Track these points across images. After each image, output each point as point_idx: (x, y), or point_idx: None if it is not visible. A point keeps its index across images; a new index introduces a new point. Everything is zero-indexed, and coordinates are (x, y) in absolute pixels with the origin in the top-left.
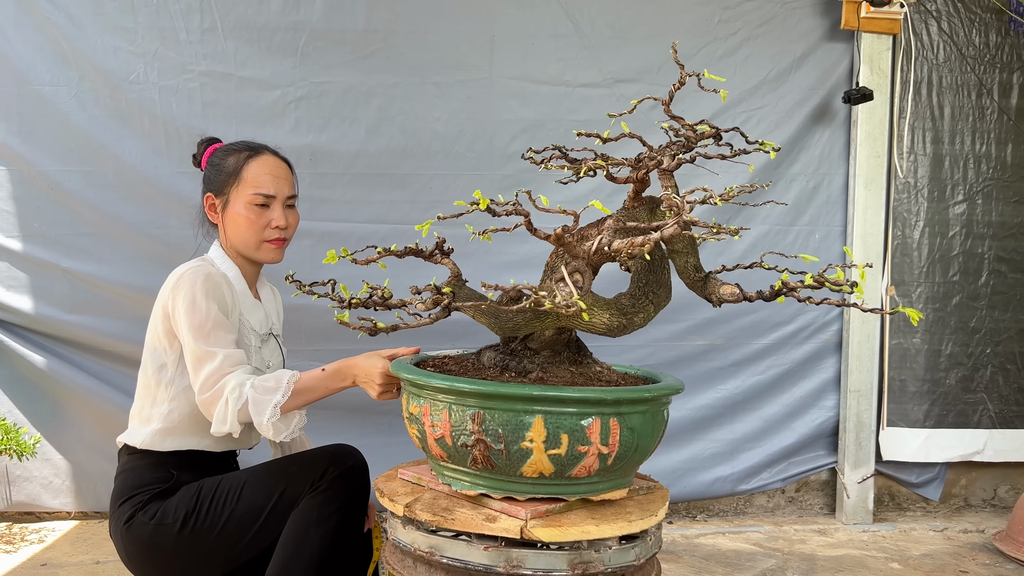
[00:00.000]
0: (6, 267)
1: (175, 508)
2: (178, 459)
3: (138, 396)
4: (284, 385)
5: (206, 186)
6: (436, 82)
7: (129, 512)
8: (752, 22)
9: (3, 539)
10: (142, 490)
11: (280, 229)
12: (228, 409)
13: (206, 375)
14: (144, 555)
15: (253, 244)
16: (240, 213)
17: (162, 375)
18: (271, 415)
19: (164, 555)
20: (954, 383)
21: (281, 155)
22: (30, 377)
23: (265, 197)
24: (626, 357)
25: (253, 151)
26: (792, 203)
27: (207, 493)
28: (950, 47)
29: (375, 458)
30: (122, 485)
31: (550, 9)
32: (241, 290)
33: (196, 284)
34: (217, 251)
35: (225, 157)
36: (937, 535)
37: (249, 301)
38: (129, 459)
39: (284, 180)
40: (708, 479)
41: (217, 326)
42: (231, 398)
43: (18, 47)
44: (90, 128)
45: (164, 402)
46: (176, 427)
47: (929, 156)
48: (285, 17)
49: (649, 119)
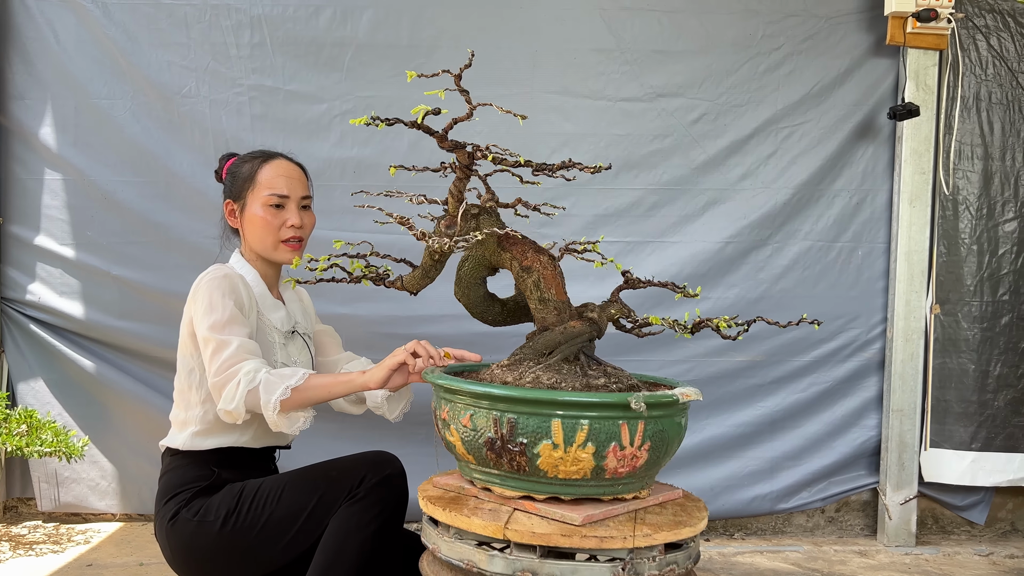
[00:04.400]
0: (59, 274)
1: (217, 506)
2: (219, 456)
3: (175, 402)
4: (300, 374)
5: (225, 194)
6: (478, 96)
7: (174, 509)
8: (796, 37)
9: (51, 539)
10: (185, 488)
11: (295, 228)
12: (239, 389)
13: (221, 360)
14: (186, 553)
15: (270, 245)
16: (257, 214)
17: (192, 379)
18: (281, 394)
19: (205, 553)
20: (1003, 405)
21: (294, 160)
22: (80, 381)
23: (279, 197)
24: (665, 372)
25: (267, 156)
26: (835, 219)
27: (248, 494)
28: (999, 63)
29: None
30: (166, 484)
31: (592, 24)
32: (260, 291)
33: (212, 285)
34: (236, 257)
35: (241, 165)
36: (982, 560)
37: (269, 301)
38: (172, 460)
39: (297, 181)
40: (747, 497)
41: (233, 320)
42: (244, 379)
43: (78, 61)
44: (143, 140)
45: (197, 404)
46: (213, 426)
47: (978, 173)
48: (332, 33)
49: (691, 133)
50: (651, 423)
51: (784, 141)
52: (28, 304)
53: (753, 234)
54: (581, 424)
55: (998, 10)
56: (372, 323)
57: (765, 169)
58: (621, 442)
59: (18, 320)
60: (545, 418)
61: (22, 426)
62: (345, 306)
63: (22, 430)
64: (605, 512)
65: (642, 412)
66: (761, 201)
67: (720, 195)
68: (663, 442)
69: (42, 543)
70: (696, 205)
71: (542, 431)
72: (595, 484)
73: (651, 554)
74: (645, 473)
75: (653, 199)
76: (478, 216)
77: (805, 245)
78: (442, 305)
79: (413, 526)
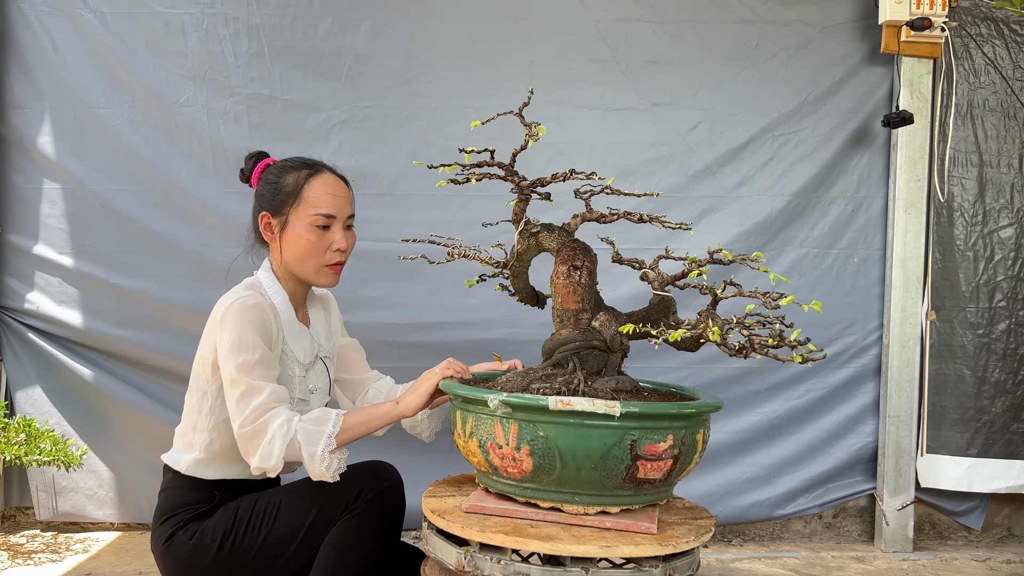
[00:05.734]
0: (58, 282)
1: (213, 528)
2: (221, 484)
3: (184, 417)
4: (332, 417)
5: (260, 204)
6: (475, 106)
7: (170, 531)
8: (790, 46)
9: (49, 548)
10: (183, 509)
11: (341, 252)
12: (275, 446)
13: (252, 409)
14: (183, 574)
15: (312, 268)
16: (300, 235)
17: (203, 403)
18: (326, 445)
19: (202, 574)
20: (1000, 411)
21: (339, 172)
22: (78, 390)
23: (327, 218)
24: (663, 379)
25: (313, 169)
26: (830, 226)
27: (244, 513)
28: (993, 71)
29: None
30: (165, 504)
31: (588, 35)
32: (287, 319)
33: (243, 317)
34: (266, 274)
35: (283, 175)
36: (979, 565)
37: (294, 329)
38: (173, 478)
39: (345, 200)
40: (745, 503)
41: (263, 362)
42: (279, 434)
43: (76, 71)
44: (141, 149)
45: (205, 431)
46: (217, 458)
47: (973, 180)
48: (331, 42)
49: (687, 141)
50: (527, 427)
51: (780, 149)
52: (27, 313)
53: (749, 241)
54: (468, 418)
55: (992, 18)
56: (370, 331)
57: (761, 177)
58: (496, 440)
59: (17, 329)
60: (467, 413)
61: (21, 435)
62: (346, 314)
63: (21, 439)
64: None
65: (495, 411)
66: (757, 208)
67: (716, 203)
68: (549, 450)
69: (41, 552)
70: (692, 213)
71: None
72: (534, 487)
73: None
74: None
75: (649, 207)
76: (537, 234)
77: (801, 252)
78: (439, 313)
79: (411, 534)
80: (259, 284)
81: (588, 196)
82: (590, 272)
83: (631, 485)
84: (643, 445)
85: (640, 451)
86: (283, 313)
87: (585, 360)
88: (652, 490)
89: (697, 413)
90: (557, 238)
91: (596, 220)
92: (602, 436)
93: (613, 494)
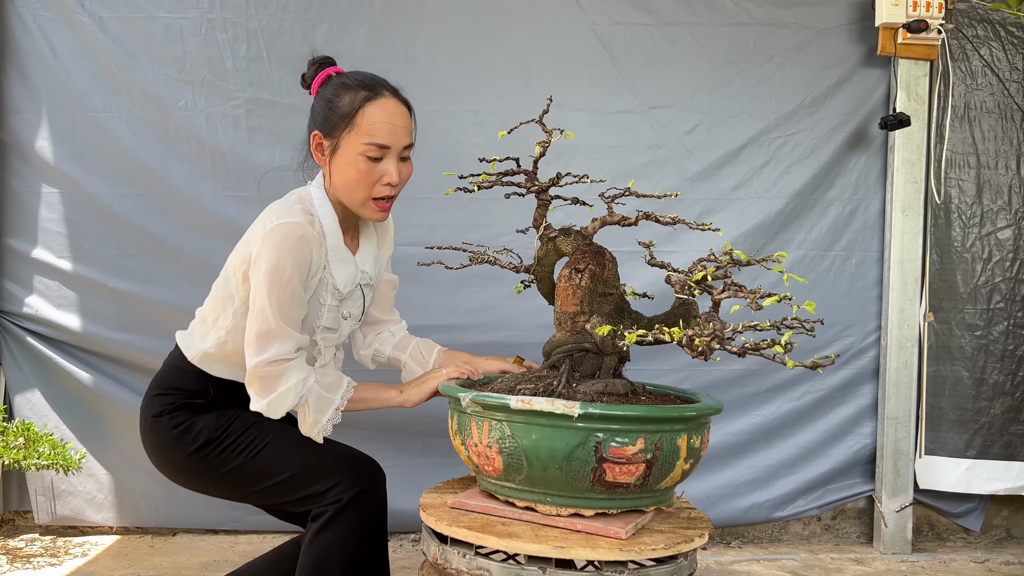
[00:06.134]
0: (56, 286)
1: (198, 431)
2: (219, 382)
3: (207, 304)
4: (343, 387)
5: (314, 120)
6: (473, 110)
7: (158, 409)
8: (787, 48)
9: (48, 552)
10: (177, 393)
11: (391, 186)
12: (285, 402)
13: (271, 353)
14: (156, 451)
15: (359, 200)
16: (350, 163)
17: (228, 304)
18: (332, 416)
19: (174, 462)
20: (999, 413)
21: (401, 95)
22: (77, 393)
23: (379, 148)
24: (660, 381)
25: (372, 91)
26: (828, 228)
27: (232, 432)
28: (990, 72)
29: (411, 478)
30: (163, 377)
31: (586, 39)
32: (334, 244)
33: (285, 249)
34: (319, 192)
35: (339, 94)
36: (978, 566)
37: (340, 256)
38: (179, 358)
39: (403, 129)
40: (743, 505)
41: (292, 300)
42: (294, 391)
43: (74, 75)
44: (140, 153)
45: (223, 330)
46: (225, 358)
47: (970, 181)
48: (329, 47)
49: (684, 144)
50: (496, 426)
51: (777, 151)
52: (25, 317)
53: (747, 243)
54: (454, 416)
55: (988, 20)
56: None
57: (759, 179)
58: (473, 439)
59: (15, 333)
60: (453, 412)
61: (19, 439)
62: None
63: (19, 443)
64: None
65: (466, 409)
66: (755, 211)
67: (714, 205)
68: (516, 449)
69: (39, 556)
70: (690, 215)
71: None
72: (510, 486)
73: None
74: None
75: (647, 210)
76: (555, 239)
77: (799, 254)
78: (439, 315)
79: (411, 536)
80: (309, 200)
81: (611, 199)
82: (592, 275)
83: (602, 488)
84: (608, 448)
85: (606, 454)
86: (330, 238)
87: (579, 362)
88: (630, 495)
89: (668, 418)
90: (572, 242)
91: (617, 223)
92: (564, 437)
93: (585, 496)
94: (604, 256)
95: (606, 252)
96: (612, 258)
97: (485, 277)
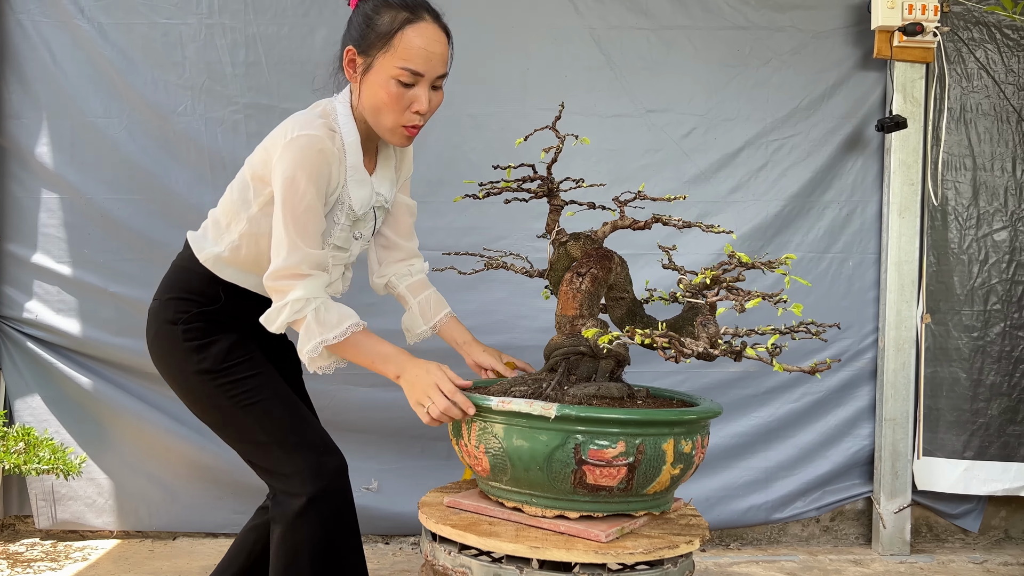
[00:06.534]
0: (56, 291)
1: (206, 355)
2: (231, 288)
3: (221, 206)
4: (342, 329)
5: (350, 35)
6: (471, 114)
7: (173, 315)
8: (783, 52)
9: (49, 556)
10: (190, 299)
11: (420, 115)
12: (282, 315)
13: (280, 263)
14: (162, 357)
15: (387, 125)
16: (381, 85)
17: (243, 210)
18: (312, 350)
19: (173, 371)
20: (996, 414)
21: (442, 20)
22: (77, 398)
23: (413, 75)
24: (659, 383)
25: (412, 13)
26: (825, 231)
27: (234, 373)
28: (986, 75)
29: (409, 481)
30: (174, 280)
31: (583, 43)
32: (353, 163)
33: (304, 160)
34: (344, 108)
35: (380, 11)
36: (977, 567)
37: (358, 176)
38: (190, 259)
39: (439, 57)
40: (742, 507)
41: (307, 213)
42: (290, 307)
43: (73, 81)
44: (139, 158)
45: (236, 233)
46: (238, 263)
47: (967, 184)
48: (327, 52)
49: (681, 147)
50: (482, 426)
51: (774, 154)
52: (25, 322)
53: (744, 246)
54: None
55: (984, 23)
56: None
57: (755, 182)
58: (464, 439)
59: (15, 338)
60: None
61: (20, 443)
62: None
63: (20, 448)
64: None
65: None
66: (752, 213)
67: (711, 208)
68: (501, 450)
69: (40, 560)
70: (687, 218)
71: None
72: (499, 486)
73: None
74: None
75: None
76: (566, 243)
77: (796, 256)
78: None
79: (410, 539)
80: (334, 114)
81: (623, 203)
82: (594, 279)
83: (585, 491)
84: (587, 450)
85: (585, 456)
86: (351, 156)
87: (576, 365)
88: (615, 499)
89: (649, 421)
90: (581, 246)
91: (629, 227)
92: (544, 438)
93: (569, 499)
94: (611, 260)
95: (613, 256)
96: (621, 261)
97: (484, 280)
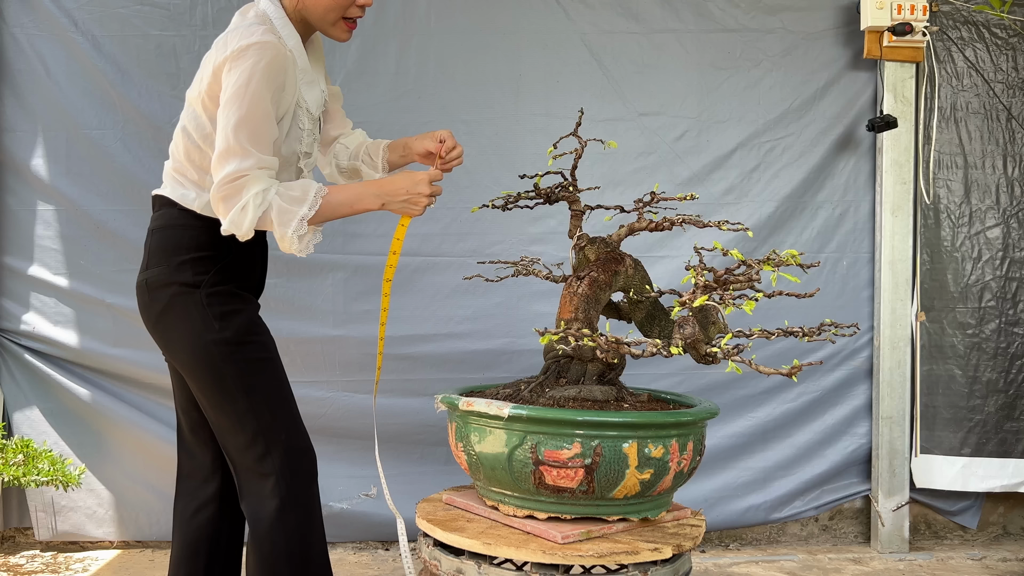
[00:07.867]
0: (53, 303)
1: (227, 325)
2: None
3: (183, 155)
4: (311, 197)
5: None
6: (464, 120)
7: (191, 279)
8: (774, 53)
9: (49, 568)
10: (204, 254)
11: (361, 8)
12: (247, 214)
13: (232, 170)
14: (172, 316)
15: (330, 20)
16: None
17: (209, 144)
18: (296, 228)
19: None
20: (993, 411)
21: None
22: (75, 409)
23: None
24: (656, 385)
25: None
26: (819, 231)
27: (249, 353)
28: (975, 74)
29: (407, 487)
30: (175, 239)
31: (574, 48)
32: (302, 66)
33: (259, 64)
34: (277, 11)
35: None
36: (975, 564)
37: (308, 78)
38: (180, 215)
39: None
40: (741, 507)
41: (263, 120)
42: (252, 203)
43: (68, 93)
44: (134, 169)
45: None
46: None
47: (959, 182)
48: None
49: (674, 150)
50: (459, 425)
51: (766, 155)
52: (23, 334)
53: (738, 247)
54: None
55: (972, 22)
56: (365, 344)
57: (749, 183)
58: (451, 438)
59: (13, 350)
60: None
61: (19, 456)
62: (339, 328)
63: (19, 460)
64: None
65: (437, 409)
66: (746, 215)
67: (704, 210)
68: (472, 449)
69: (40, 572)
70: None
71: None
72: (481, 485)
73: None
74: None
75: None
76: (584, 248)
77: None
78: (435, 324)
79: (410, 545)
80: (269, 20)
81: (642, 207)
82: (592, 282)
83: (548, 492)
84: (544, 450)
85: (541, 456)
86: (299, 59)
87: (566, 368)
88: (580, 502)
89: (604, 423)
90: (597, 250)
91: (646, 228)
92: (503, 437)
93: (535, 499)
94: (619, 263)
95: (624, 259)
96: (634, 264)
97: (480, 285)
